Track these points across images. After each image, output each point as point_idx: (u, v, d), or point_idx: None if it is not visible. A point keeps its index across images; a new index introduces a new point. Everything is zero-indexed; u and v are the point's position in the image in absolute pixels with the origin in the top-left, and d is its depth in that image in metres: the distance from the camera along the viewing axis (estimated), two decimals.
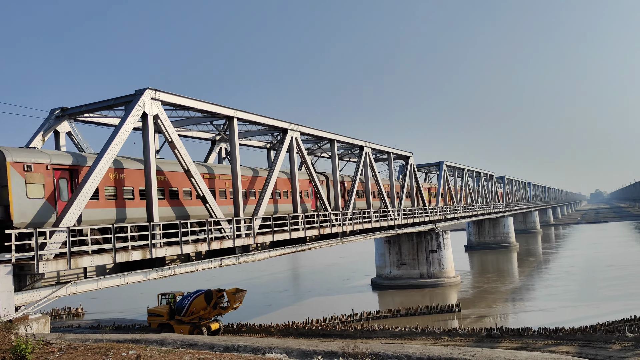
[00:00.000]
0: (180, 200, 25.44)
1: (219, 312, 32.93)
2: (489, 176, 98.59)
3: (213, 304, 32.06)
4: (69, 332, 34.65)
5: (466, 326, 33.99)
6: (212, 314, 32.56)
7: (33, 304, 17.65)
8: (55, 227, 18.45)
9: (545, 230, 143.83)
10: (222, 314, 33.42)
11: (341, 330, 33.52)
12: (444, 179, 66.78)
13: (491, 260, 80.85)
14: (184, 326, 31.69)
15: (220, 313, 33.10)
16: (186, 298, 33.02)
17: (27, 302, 17.40)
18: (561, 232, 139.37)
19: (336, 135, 38.80)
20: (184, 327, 31.64)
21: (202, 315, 32.16)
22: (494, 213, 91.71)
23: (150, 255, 21.18)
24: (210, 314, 32.51)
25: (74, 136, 26.78)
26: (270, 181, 29.94)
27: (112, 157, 20.96)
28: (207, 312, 32.17)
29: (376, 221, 41.86)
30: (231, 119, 28.11)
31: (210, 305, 31.99)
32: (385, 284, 56.08)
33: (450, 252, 56.08)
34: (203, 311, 32.08)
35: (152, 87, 22.92)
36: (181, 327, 31.58)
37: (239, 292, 32.92)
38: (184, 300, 32.90)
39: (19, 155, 18.82)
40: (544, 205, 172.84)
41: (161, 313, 33.12)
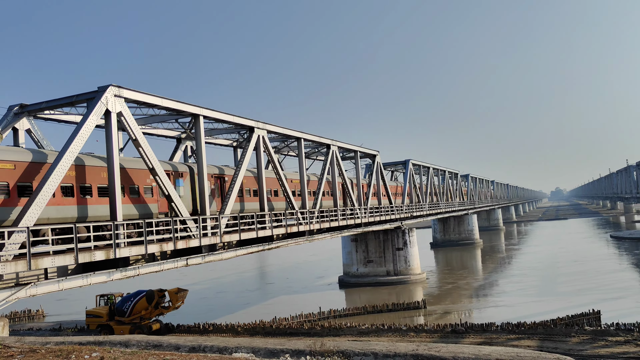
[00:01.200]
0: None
1: (161, 312, 33.00)
2: (453, 174, 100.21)
3: (155, 303, 32.03)
4: (28, 335, 33.71)
5: (432, 322, 34.52)
6: (153, 313, 32.61)
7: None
8: (14, 226, 17.90)
9: (508, 227, 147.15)
10: (164, 313, 33.50)
11: (308, 328, 33.59)
12: (410, 177, 67.57)
13: (456, 257, 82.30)
14: (124, 327, 31.49)
15: (161, 313, 33.16)
16: (126, 299, 32.82)
17: None
18: (523, 228, 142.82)
19: (303, 133, 38.81)
20: (124, 327, 31.43)
21: (144, 315, 32.09)
22: (458, 211, 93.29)
23: (114, 255, 20.77)
24: (152, 314, 32.54)
25: (33, 134, 26.07)
26: (237, 180, 29.75)
27: (74, 155, 20.45)
28: (149, 312, 32.19)
29: (343, 219, 42.07)
30: (197, 116, 27.79)
31: (151, 305, 31.94)
32: (352, 281, 56.42)
33: (416, 249, 56.82)
34: (144, 311, 32.02)
35: (116, 84, 22.47)
36: (121, 328, 31.37)
37: (181, 291, 33.14)
38: (124, 301, 32.71)
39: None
40: (507, 203, 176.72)
41: (100, 314, 32.83)
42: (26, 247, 17.47)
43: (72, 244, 19.18)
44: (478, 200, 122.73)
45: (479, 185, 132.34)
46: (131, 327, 31.30)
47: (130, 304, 32.05)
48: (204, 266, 33.77)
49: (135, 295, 32.70)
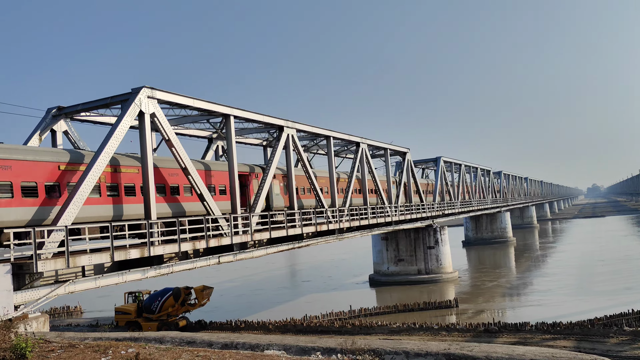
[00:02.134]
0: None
1: (187, 309, 33.63)
2: (486, 171, 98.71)
3: (181, 301, 32.67)
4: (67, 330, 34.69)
5: (464, 321, 34.12)
6: (179, 311, 33.26)
7: (32, 303, 17.66)
8: (53, 225, 18.47)
9: (543, 224, 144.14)
10: (190, 310, 34.12)
11: (339, 326, 33.62)
12: (441, 174, 66.85)
13: (489, 255, 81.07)
14: (152, 323, 32.17)
15: (188, 310, 33.78)
16: (154, 297, 33.52)
17: (26, 301, 17.42)
18: (558, 226, 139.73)
19: (332, 131, 38.81)
20: (152, 324, 32.10)
21: (170, 312, 32.73)
22: (491, 208, 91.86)
23: (149, 254, 21.21)
24: (178, 311, 33.18)
25: (70, 135, 26.75)
26: (267, 178, 29.98)
27: (109, 155, 20.96)
28: (175, 309, 32.81)
29: (373, 218, 41.92)
30: (228, 116, 28.10)
31: (178, 303, 32.58)
32: (382, 280, 56.20)
33: (447, 247, 56.20)
34: (171, 308, 32.66)
35: (149, 86, 22.91)
36: (149, 325, 32.03)
37: (207, 289, 33.79)
38: (152, 298, 33.42)
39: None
40: (541, 200, 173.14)
41: (129, 311, 33.56)
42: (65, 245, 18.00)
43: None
44: (511, 198, 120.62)
45: (512, 182, 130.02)
46: (158, 324, 31.96)
47: (159, 303, 32.73)
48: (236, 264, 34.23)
49: (163, 293, 33.42)
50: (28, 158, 18.97)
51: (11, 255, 16.78)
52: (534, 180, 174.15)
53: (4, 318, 15.61)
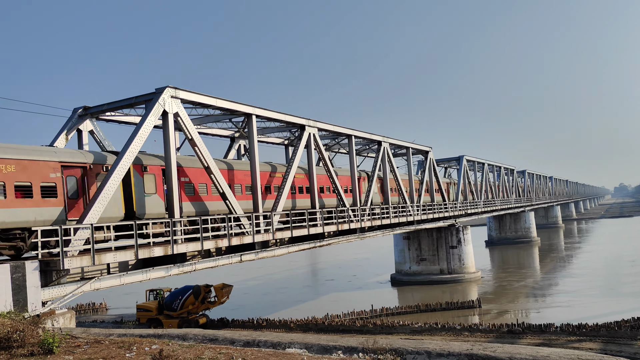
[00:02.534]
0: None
1: (207, 307, 33.99)
2: (509, 170, 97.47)
3: (201, 298, 33.03)
4: (93, 326, 35.34)
5: (487, 322, 33.79)
6: (200, 308, 33.63)
7: (59, 299, 18.03)
8: (78, 224, 18.80)
9: (568, 224, 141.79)
10: (210, 308, 34.48)
11: (361, 325, 33.58)
12: (464, 173, 66.21)
13: (512, 255, 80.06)
14: (173, 321, 32.59)
15: (208, 307, 34.15)
16: (174, 294, 33.93)
17: (53, 297, 17.79)
18: (584, 226, 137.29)
19: (354, 130, 38.74)
20: (172, 321, 32.52)
21: (191, 310, 33.09)
22: (514, 208, 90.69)
23: (172, 252, 21.46)
24: (199, 309, 33.55)
25: (96, 134, 27.18)
26: (289, 177, 30.08)
27: (133, 154, 21.25)
28: (196, 307, 33.18)
29: (395, 217, 41.73)
30: (250, 116, 28.26)
31: (198, 300, 32.93)
32: (404, 279, 55.93)
33: (470, 247, 55.68)
34: (192, 306, 33.02)
35: (172, 86, 23.15)
36: (170, 322, 32.44)
37: (226, 287, 34.15)
38: (173, 296, 33.84)
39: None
40: (566, 200, 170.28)
41: (150, 308, 34.04)
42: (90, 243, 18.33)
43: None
44: (535, 197, 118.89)
45: (537, 182, 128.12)
46: (179, 321, 32.39)
47: (180, 302, 33.18)
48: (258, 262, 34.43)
49: (183, 291, 33.88)
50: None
51: (39, 253, 17.14)
52: (559, 180, 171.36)
53: (32, 314, 15.96)
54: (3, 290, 15.84)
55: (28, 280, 16.57)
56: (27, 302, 16.43)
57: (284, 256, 31.52)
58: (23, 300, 16.36)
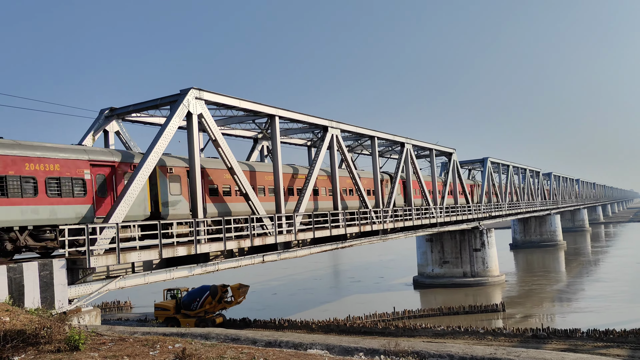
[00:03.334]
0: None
1: (224, 307, 34.30)
2: (535, 173, 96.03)
3: (218, 298, 33.33)
4: (118, 324, 35.90)
5: (511, 326, 33.31)
6: (216, 308, 33.93)
7: (85, 297, 18.36)
8: (104, 223, 19.13)
9: (595, 228, 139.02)
10: (227, 308, 34.77)
11: (382, 328, 33.43)
12: (488, 175, 65.45)
13: (537, 259, 78.80)
14: (190, 320, 32.94)
15: (224, 307, 34.45)
16: (191, 293, 34.31)
17: (79, 295, 18.12)
18: (612, 230, 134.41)
19: (377, 132, 38.62)
20: (189, 320, 32.90)
21: (208, 309, 33.38)
22: (540, 211, 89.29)
23: (195, 251, 21.68)
24: (215, 308, 33.86)
25: (122, 135, 27.62)
26: (311, 179, 30.12)
27: (158, 155, 21.53)
28: (212, 307, 33.48)
29: (417, 219, 41.46)
30: (273, 117, 28.40)
31: (215, 300, 33.24)
32: (427, 282, 55.49)
33: (494, 250, 54.98)
34: (209, 305, 33.31)
35: (197, 87, 23.41)
36: (187, 321, 32.84)
37: (243, 287, 34.42)
38: (190, 295, 34.21)
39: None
40: (593, 203, 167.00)
41: (168, 307, 34.43)
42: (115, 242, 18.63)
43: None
44: (561, 200, 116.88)
45: (563, 184, 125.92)
46: (196, 321, 32.81)
47: (199, 302, 33.64)
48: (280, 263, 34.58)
49: (200, 291, 34.26)
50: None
51: (66, 251, 17.48)
52: (586, 182, 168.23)
53: (59, 311, 16.29)
54: (31, 288, 16.20)
55: (55, 278, 16.92)
56: (54, 300, 16.78)
57: (307, 257, 31.56)
58: (50, 298, 16.71)
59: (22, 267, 16.08)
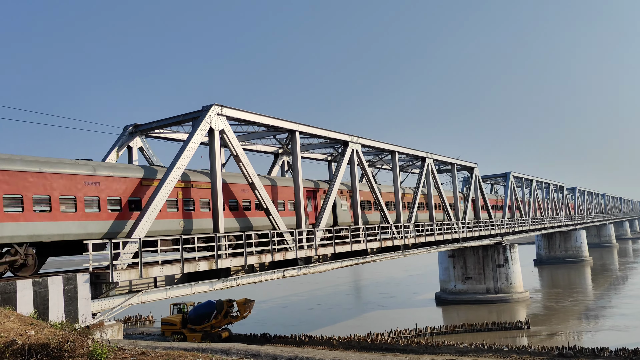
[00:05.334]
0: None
1: (229, 321, 34.29)
2: (559, 187, 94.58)
3: (224, 313, 33.34)
4: (140, 339, 36.09)
5: (536, 344, 32.60)
6: (222, 322, 33.88)
7: (108, 311, 18.54)
8: (127, 238, 19.36)
9: (622, 244, 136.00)
10: (232, 322, 34.75)
11: (404, 345, 33.01)
12: (511, 190, 64.66)
13: (562, 275, 77.24)
14: (196, 334, 33.00)
15: (230, 322, 34.42)
16: (198, 308, 34.38)
17: (102, 309, 18.31)
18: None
19: (397, 146, 38.52)
20: (196, 335, 32.98)
21: (214, 324, 33.37)
22: (564, 226, 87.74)
23: (216, 266, 21.77)
24: (221, 323, 33.84)
25: (145, 151, 28.03)
26: (332, 193, 30.10)
27: (180, 170, 21.79)
28: (218, 321, 33.50)
29: (439, 234, 41.06)
30: (293, 132, 28.55)
31: (221, 315, 33.27)
32: (449, 298, 54.76)
33: (518, 266, 54.08)
34: (215, 320, 33.33)
35: (219, 103, 23.69)
36: (194, 335, 32.92)
37: (248, 302, 34.44)
38: (196, 309, 34.31)
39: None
40: (620, 218, 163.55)
41: (174, 322, 34.55)
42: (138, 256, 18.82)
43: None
44: (587, 215, 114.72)
45: (588, 199, 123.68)
46: (202, 335, 32.88)
47: (209, 320, 33.82)
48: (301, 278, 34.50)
49: (206, 305, 34.38)
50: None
51: (90, 265, 17.72)
52: (612, 197, 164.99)
53: (83, 325, 16.47)
54: (56, 302, 16.43)
55: (79, 292, 17.14)
56: (77, 314, 16.98)
57: (328, 272, 31.45)
58: (74, 312, 16.91)
59: (47, 281, 16.33)
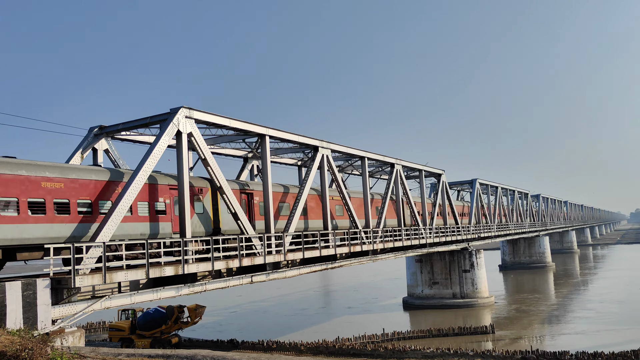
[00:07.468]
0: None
1: (180, 327, 34.04)
2: (523, 194, 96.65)
3: (174, 319, 33.12)
4: (102, 345, 35.19)
5: (500, 348, 33.14)
6: (173, 328, 33.63)
7: (69, 318, 18.02)
8: (91, 242, 18.88)
9: (583, 250, 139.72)
10: (183, 328, 34.53)
11: (372, 350, 33.10)
12: (477, 197, 65.76)
13: (526, 280, 78.84)
14: (145, 340, 32.59)
15: (180, 328, 34.19)
16: (147, 314, 34.03)
17: (63, 316, 17.78)
18: (600, 252, 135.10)
19: (367, 152, 38.76)
20: (145, 341, 32.58)
21: (164, 329, 33.08)
22: (529, 232, 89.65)
23: (183, 271, 21.42)
24: (172, 329, 33.58)
25: (111, 153, 27.46)
26: (301, 198, 30.04)
27: (147, 173, 21.40)
28: (169, 327, 33.23)
29: (407, 239, 41.42)
30: (263, 136, 28.41)
31: (171, 320, 33.04)
32: (416, 303, 55.25)
33: (483, 271, 54.95)
34: (165, 326, 33.05)
35: (187, 106, 23.40)
36: (143, 341, 32.50)
37: (199, 308, 34.38)
38: (145, 315, 33.95)
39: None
40: (582, 225, 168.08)
41: (122, 328, 34.12)
42: (102, 261, 18.36)
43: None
44: (550, 222, 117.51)
45: (551, 206, 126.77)
46: (152, 341, 32.50)
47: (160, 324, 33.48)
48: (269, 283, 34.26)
49: (156, 311, 33.99)
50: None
51: (50, 270, 17.20)
52: (574, 204, 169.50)
53: (42, 332, 15.95)
54: (14, 308, 15.87)
55: (39, 298, 16.61)
56: (37, 320, 16.44)
57: (298, 277, 31.33)
58: (33, 318, 16.37)
59: (5, 287, 15.76)
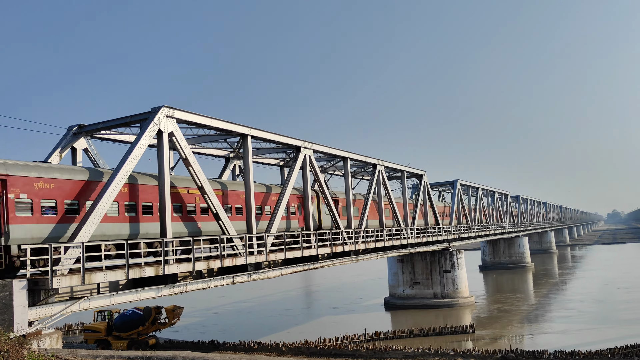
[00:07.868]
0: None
1: (157, 328, 33.81)
2: (503, 195, 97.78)
3: (152, 320, 32.85)
4: (81, 347, 34.69)
5: (480, 347, 33.44)
6: (150, 329, 33.36)
7: (46, 319, 17.73)
8: (69, 242, 18.60)
9: (562, 250, 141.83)
10: (160, 329, 34.28)
11: (353, 350, 33.12)
12: (458, 197, 66.34)
13: (506, 280, 79.78)
14: (122, 342, 32.31)
15: (158, 329, 33.99)
16: (124, 315, 33.73)
17: (40, 317, 17.49)
18: (578, 252, 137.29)
19: (349, 153, 38.85)
20: (122, 342, 32.28)
21: (141, 331, 32.82)
22: (508, 233, 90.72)
23: (163, 272, 21.22)
24: (149, 330, 33.32)
25: (90, 152, 27.11)
26: (283, 199, 29.98)
27: (127, 173, 21.16)
28: (146, 328, 32.96)
29: (389, 240, 41.59)
30: (245, 136, 28.29)
31: (149, 321, 32.76)
32: (398, 303, 55.52)
33: (464, 271, 55.45)
34: (142, 327, 32.79)
35: (168, 105, 23.20)
36: (119, 343, 32.22)
37: (177, 309, 34.18)
38: (122, 317, 33.64)
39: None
40: (560, 226, 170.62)
41: (98, 329, 33.78)
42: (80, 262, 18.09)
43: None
44: (529, 222, 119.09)
45: (531, 207, 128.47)
46: (128, 342, 32.16)
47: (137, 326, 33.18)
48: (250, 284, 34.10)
49: (133, 312, 33.65)
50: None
51: (27, 271, 16.91)
52: (552, 205, 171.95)
53: (18, 334, 15.66)
54: None
55: (15, 299, 16.30)
56: (13, 322, 16.13)
57: (280, 278, 31.25)
58: (9, 320, 16.06)
59: None
